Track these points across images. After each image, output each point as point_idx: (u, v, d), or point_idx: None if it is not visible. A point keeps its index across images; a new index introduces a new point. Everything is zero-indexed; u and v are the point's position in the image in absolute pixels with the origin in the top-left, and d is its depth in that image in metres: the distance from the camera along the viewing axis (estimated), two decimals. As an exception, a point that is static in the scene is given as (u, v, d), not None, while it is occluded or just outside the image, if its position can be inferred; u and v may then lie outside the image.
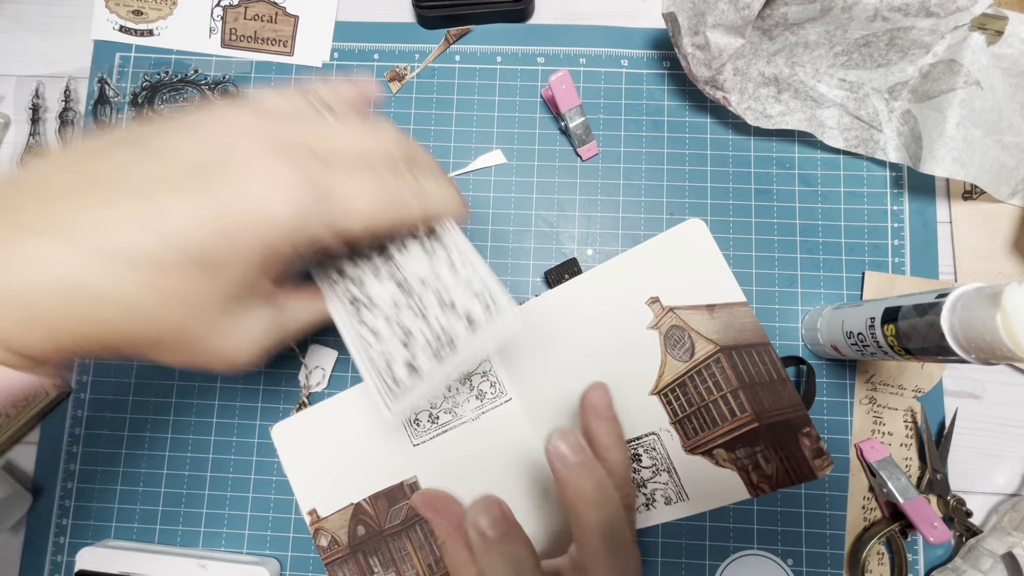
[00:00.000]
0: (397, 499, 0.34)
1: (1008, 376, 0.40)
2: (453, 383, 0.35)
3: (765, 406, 0.28)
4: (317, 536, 0.35)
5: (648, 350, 0.30)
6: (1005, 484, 0.39)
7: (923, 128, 0.39)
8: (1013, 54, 0.36)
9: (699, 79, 0.39)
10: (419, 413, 0.35)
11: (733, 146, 0.43)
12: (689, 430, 0.29)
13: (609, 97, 0.44)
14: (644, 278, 0.30)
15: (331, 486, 0.35)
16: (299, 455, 0.36)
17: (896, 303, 0.31)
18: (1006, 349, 0.25)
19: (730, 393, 0.29)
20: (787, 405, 0.28)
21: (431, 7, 0.43)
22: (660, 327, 0.30)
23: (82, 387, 0.42)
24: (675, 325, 0.30)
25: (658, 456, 0.30)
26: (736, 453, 0.29)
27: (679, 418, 0.30)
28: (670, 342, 0.30)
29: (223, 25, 0.44)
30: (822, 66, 0.40)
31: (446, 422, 0.35)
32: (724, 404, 0.29)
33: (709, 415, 0.29)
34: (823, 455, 0.27)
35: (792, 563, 0.38)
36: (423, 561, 0.33)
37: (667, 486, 0.30)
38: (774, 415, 0.28)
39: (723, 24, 0.36)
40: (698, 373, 0.29)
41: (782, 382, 0.28)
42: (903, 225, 0.41)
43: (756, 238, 0.42)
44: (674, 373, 0.30)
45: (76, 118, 0.45)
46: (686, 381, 0.29)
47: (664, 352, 0.30)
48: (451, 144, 0.44)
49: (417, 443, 0.35)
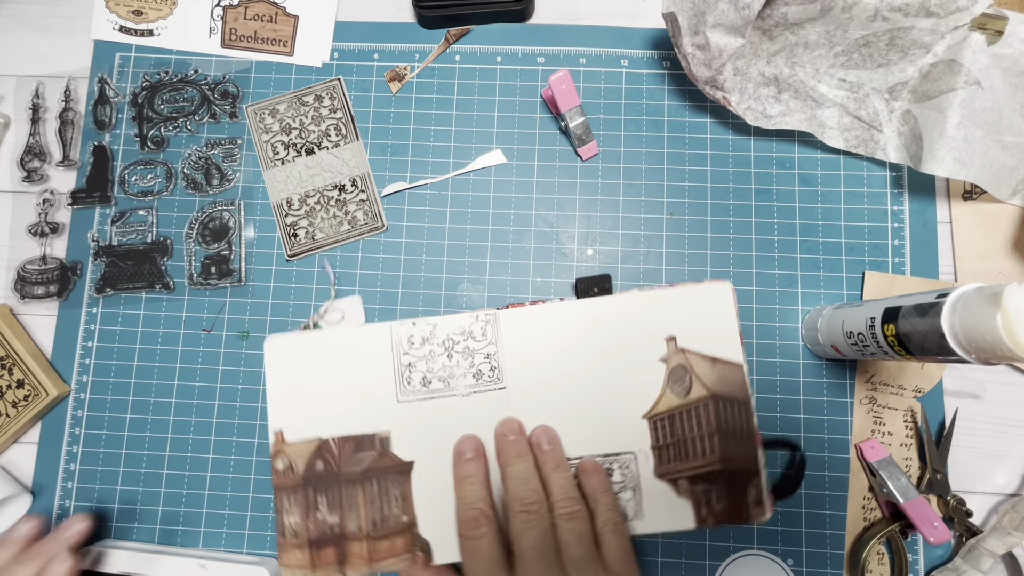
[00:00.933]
0: (364, 448, 0.34)
1: (1008, 376, 0.40)
2: (455, 353, 0.35)
3: (730, 453, 0.33)
4: (276, 458, 0.34)
5: (653, 378, 0.34)
6: (1005, 484, 0.39)
7: (923, 128, 0.39)
8: (1013, 54, 0.36)
9: (699, 79, 0.39)
10: (413, 372, 0.35)
11: (733, 146, 0.43)
12: (665, 457, 0.33)
13: (609, 97, 0.44)
14: (666, 316, 0.34)
15: (305, 415, 0.35)
16: (284, 374, 0.35)
17: (896, 303, 0.31)
18: (1006, 349, 0.25)
19: (708, 435, 0.33)
20: (747, 456, 0.32)
21: (431, 7, 0.43)
22: (669, 362, 0.34)
23: (82, 387, 0.42)
24: (681, 364, 0.33)
25: (629, 474, 0.33)
26: (696, 487, 0.33)
27: (660, 444, 0.33)
28: (673, 377, 0.34)
29: (223, 25, 0.44)
30: (822, 66, 0.40)
31: (437, 389, 0.35)
32: (700, 443, 0.33)
33: (685, 449, 0.33)
34: (761, 504, 0.32)
35: (792, 563, 0.38)
36: (369, 516, 0.34)
37: (628, 503, 0.33)
38: (735, 463, 0.32)
39: (723, 24, 0.36)
40: (687, 411, 0.33)
41: (749, 437, 0.33)
42: (903, 225, 0.41)
43: (756, 238, 0.42)
44: (668, 405, 0.33)
45: (76, 118, 0.45)
46: (676, 415, 0.33)
47: (666, 384, 0.33)
48: (451, 144, 0.44)
49: (403, 400, 0.35)
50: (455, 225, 0.43)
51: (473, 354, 0.35)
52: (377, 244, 0.43)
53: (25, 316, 0.43)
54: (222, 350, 0.42)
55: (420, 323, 0.35)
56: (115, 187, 0.44)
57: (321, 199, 0.43)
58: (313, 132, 0.44)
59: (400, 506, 0.34)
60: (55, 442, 0.42)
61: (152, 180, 0.44)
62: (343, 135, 0.44)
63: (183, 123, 0.45)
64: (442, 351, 0.35)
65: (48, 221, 0.44)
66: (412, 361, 0.35)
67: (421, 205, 0.43)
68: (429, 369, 0.35)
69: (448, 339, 0.35)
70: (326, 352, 0.36)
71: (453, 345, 0.35)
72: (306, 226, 0.43)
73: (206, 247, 0.43)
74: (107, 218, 0.44)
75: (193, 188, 0.44)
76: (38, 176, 0.44)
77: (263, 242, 0.43)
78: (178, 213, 0.44)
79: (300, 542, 0.34)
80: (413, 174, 0.43)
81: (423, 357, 0.35)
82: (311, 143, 0.44)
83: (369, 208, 0.43)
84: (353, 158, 0.44)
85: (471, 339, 0.35)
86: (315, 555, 0.34)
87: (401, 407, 0.35)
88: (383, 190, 0.43)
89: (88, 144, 0.45)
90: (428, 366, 0.35)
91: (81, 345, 0.42)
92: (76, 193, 0.44)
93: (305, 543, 0.34)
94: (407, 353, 0.35)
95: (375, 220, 0.43)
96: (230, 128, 0.44)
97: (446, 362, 0.35)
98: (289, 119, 0.44)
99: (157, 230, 0.43)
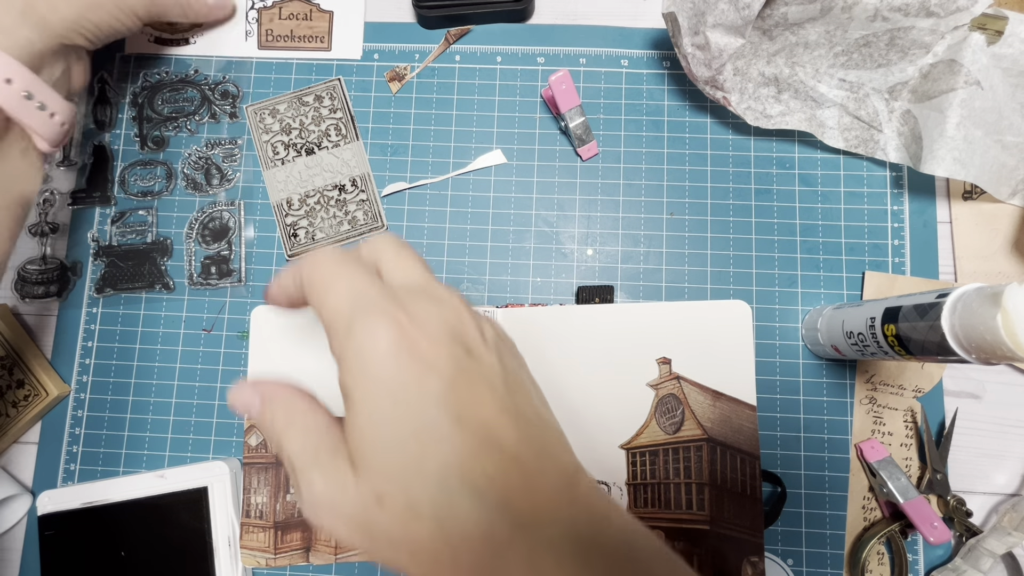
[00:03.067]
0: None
1: (1008, 376, 0.40)
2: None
3: (724, 515, 0.27)
4: (249, 433, 0.34)
5: (638, 405, 0.29)
6: (1005, 484, 0.39)
7: (923, 128, 0.39)
8: (1013, 54, 0.36)
9: (699, 79, 0.39)
10: None
11: (733, 146, 0.43)
12: (640, 499, 0.28)
13: (609, 97, 0.44)
14: (666, 334, 0.29)
15: None
16: (268, 347, 0.34)
17: (896, 303, 0.31)
18: (1006, 349, 0.25)
19: (696, 485, 0.27)
20: (747, 524, 0.27)
21: (431, 7, 0.43)
22: (659, 389, 0.29)
23: (82, 387, 0.42)
24: (673, 394, 0.28)
25: None
26: (674, 544, 0.27)
27: (635, 482, 0.28)
28: (662, 408, 0.28)
29: (259, 27, 0.44)
30: (822, 66, 0.40)
31: None
32: (685, 492, 0.27)
33: (666, 495, 0.28)
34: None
35: (792, 563, 0.38)
36: None
37: None
38: (730, 528, 0.26)
39: (723, 24, 0.36)
40: (675, 450, 0.28)
41: (753, 501, 0.27)
42: (903, 225, 0.41)
43: (756, 238, 0.42)
44: (651, 439, 0.28)
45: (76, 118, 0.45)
46: (659, 451, 0.28)
47: (652, 414, 0.29)
48: (451, 144, 0.44)
49: None
50: (455, 225, 0.43)
51: None
52: (377, 244, 0.43)
53: (25, 316, 0.43)
54: (222, 350, 0.42)
55: None
56: (115, 187, 0.44)
57: (321, 199, 0.43)
58: (313, 132, 0.44)
59: None
60: (55, 442, 0.42)
61: (152, 180, 0.44)
62: (343, 135, 0.44)
63: (183, 123, 0.45)
64: None
65: (48, 221, 0.44)
66: None
67: (421, 205, 0.43)
68: None
69: None
70: (313, 331, 0.35)
71: None
72: (306, 226, 0.43)
73: (206, 247, 0.43)
74: (107, 218, 0.44)
75: (193, 188, 0.44)
76: (38, 176, 0.44)
77: (263, 242, 0.43)
78: (178, 213, 0.44)
79: (265, 524, 0.32)
80: (413, 174, 0.43)
81: None
82: (311, 143, 0.44)
83: (369, 208, 0.43)
84: (353, 158, 0.44)
85: None
86: (279, 539, 0.32)
87: None
88: (383, 190, 0.43)
89: (88, 144, 0.45)
90: None
91: (81, 345, 0.42)
92: (76, 193, 0.44)
93: (271, 525, 0.32)
94: None
95: (375, 220, 0.43)
96: (230, 128, 0.44)
97: None
98: (289, 119, 0.44)
99: (157, 230, 0.43)
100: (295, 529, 0.32)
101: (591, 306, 0.31)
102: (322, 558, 0.32)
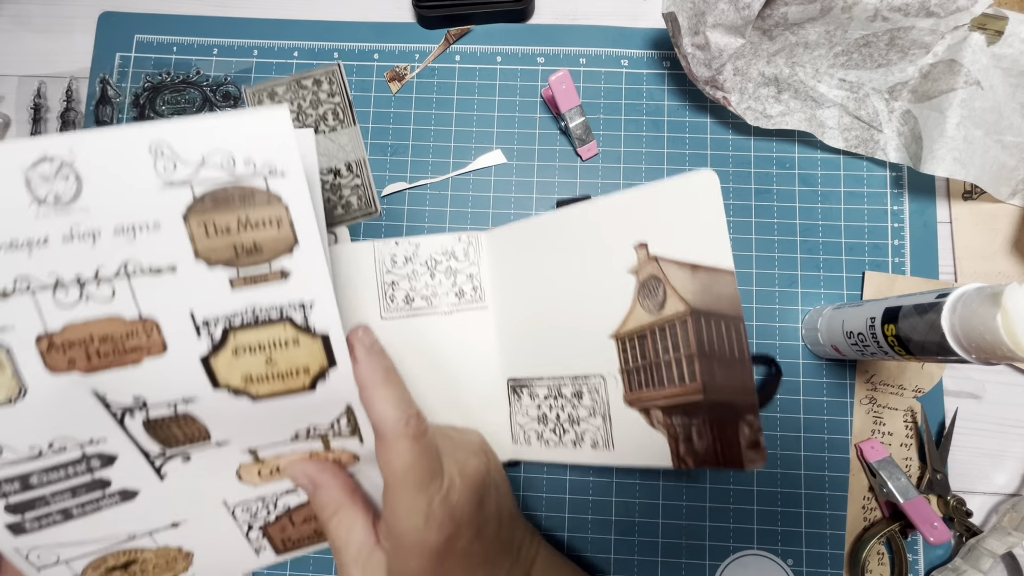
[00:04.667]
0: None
1: (1008, 376, 0.40)
2: (437, 272, 0.35)
3: (716, 381, 0.27)
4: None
5: (621, 293, 0.29)
6: (1005, 484, 0.39)
7: (923, 128, 0.39)
8: (1013, 54, 0.36)
9: (699, 79, 0.39)
10: (396, 290, 0.35)
11: (733, 146, 0.43)
12: (634, 382, 0.29)
13: (609, 97, 0.44)
14: (641, 220, 0.29)
15: None
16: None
17: (896, 303, 0.31)
18: (1006, 349, 0.25)
19: (685, 358, 0.28)
20: (739, 387, 0.26)
21: (431, 7, 0.43)
22: (640, 273, 0.29)
23: (82, 387, 0.42)
24: (653, 275, 0.28)
25: (598, 400, 0.30)
26: (672, 419, 0.28)
27: (628, 368, 0.29)
28: (644, 291, 0.29)
29: (268, 542, 0.41)
30: (822, 66, 0.40)
31: (419, 307, 0.35)
32: (676, 367, 0.28)
33: (658, 374, 0.28)
34: (758, 448, 0.26)
35: (792, 563, 0.38)
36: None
37: (598, 431, 0.30)
38: (722, 393, 0.27)
39: (723, 24, 0.36)
40: (660, 329, 0.28)
41: (741, 363, 0.26)
42: (903, 225, 0.41)
43: (756, 238, 0.42)
44: (638, 323, 0.29)
45: (78, 118, 0.45)
46: (647, 334, 0.29)
47: (636, 299, 0.29)
48: (451, 144, 0.44)
49: (386, 317, 0.35)
50: (455, 225, 0.43)
51: (455, 274, 0.35)
52: (377, 244, 0.43)
53: (26, 316, 0.43)
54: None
55: (403, 242, 0.35)
56: (115, 187, 0.44)
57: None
58: (311, 116, 0.44)
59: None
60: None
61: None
62: (340, 120, 0.44)
63: (183, 123, 0.45)
64: (425, 270, 0.35)
65: (49, 221, 0.44)
66: (395, 279, 0.35)
67: (421, 205, 0.43)
68: (412, 287, 0.35)
69: (431, 259, 0.35)
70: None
71: (436, 264, 0.35)
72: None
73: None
74: (107, 218, 0.44)
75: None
76: (39, 176, 0.44)
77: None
78: (178, 213, 0.44)
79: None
80: (413, 174, 0.43)
81: (406, 276, 0.35)
82: (308, 127, 0.43)
83: (363, 194, 0.43)
84: (349, 143, 0.43)
85: (453, 259, 0.35)
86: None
87: (384, 324, 0.35)
88: (383, 190, 0.43)
89: (89, 144, 0.45)
90: (411, 284, 0.35)
91: (81, 345, 0.42)
92: (77, 193, 0.44)
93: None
94: (390, 272, 0.35)
95: (369, 205, 0.43)
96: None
97: (429, 281, 0.35)
98: (287, 102, 0.44)
99: (157, 230, 0.43)
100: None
101: (567, 208, 0.32)
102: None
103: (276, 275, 0.24)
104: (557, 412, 0.33)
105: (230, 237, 0.23)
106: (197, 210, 0.23)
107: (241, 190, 0.23)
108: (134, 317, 0.23)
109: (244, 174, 0.23)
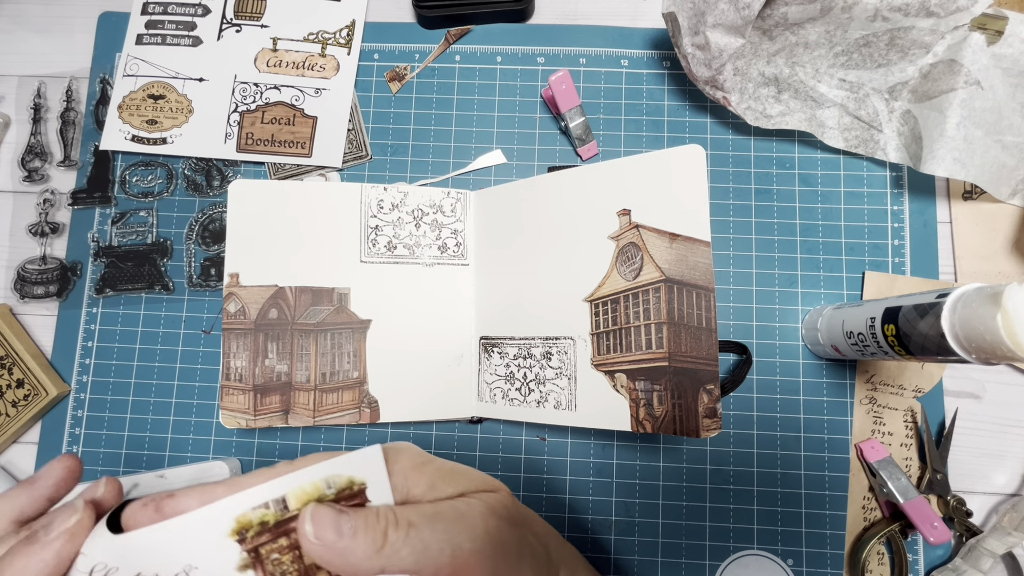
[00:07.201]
0: (321, 301, 0.34)
1: (1008, 376, 0.40)
2: (423, 224, 0.35)
3: (682, 349, 0.28)
4: (228, 300, 0.34)
5: (600, 258, 0.30)
6: (1005, 484, 0.39)
7: (923, 128, 0.39)
8: (1013, 54, 0.36)
9: (699, 79, 0.39)
10: (379, 235, 0.35)
11: (733, 146, 0.43)
12: (603, 346, 0.30)
13: (609, 97, 0.44)
14: (626, 187, 0.30)
15: (265, 259, 0.34)
16: (248, 217, 0.35)
17: (896, 303, 0.31)
18: (1006, 349, 0.25)
19: (655, 325, 0.29)
20: (703, 356, 0.28)
21: (431, 7, 0.43)
22: (620, 240, 0.30)
23: (82, 387, 0.42)
24: (633, 242, 0.29)
25: (567, 361, 0.31)
26: (635, 384, 0.29)
27: (599, 331, 0.30)
28: (622, 257, 0.30)
29: (239, 130, 0.43)
30: (822, 66, 0.40)
31: (401, 255, 0.35)
32: (645, 333, 0.29)
33: (627, 339, 0.29)
34: (715, 416, 0.27)
35: (792, 563, 0.38)
36: (319, 368, 0.33)
37: (563, 392, 0.31)
38: (686, 361, 0.28)
39: (723, 24, 0.36)
40: (635, 295, 0.29)
41: (708, 332, 0.27)
42: (903, 225, 0.41)
43: (756, 238, 0.42)
44: (613, 288, 0.30)
45: (77, 118, 0.45)
46: (620, 299, 0.29)
47: (613, 264, 0.30)
48: (451, 144, 0.44)
49: (366, 260, 0.35)
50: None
51: (440, 227, 0.35)
52: (377, 244, 0.43)
53: (25, 316, 0.43)
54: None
55: (391, 189, 0.35)
56: (116, 188, 0.44)
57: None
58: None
59: (352, 362, 0.34)
60: (55, 442, 0.42)
61: (152, 181, 0.44)
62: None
63: (183, 123, 0.45)
64: (410, 219, 0.36)
65: (48, 221, 0.44)
66: (379, 224, 0.35)
67: (421, 205, 0.43)
68: (396, 235, 0.35)
69: (418, 209, 0.36)
70: (294, 202, 0.35)
71: (422, 216, 0.36)
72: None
73: (206, 248, 0.43)
74: (107, 218, 0.44)
75: (193, 189, 0.44)
76: (39, 176, 0.44)
77: (263, 242, 0.43)
78: (178, 214, 0.44)
79: (245, 387, 0.33)
80: (413, 174, 0.43)
81: (391, 222, 0.35)
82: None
83: (354, 137, 0.43)
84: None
85: (440, 213, 0.35)
86: (259, 401, 0.33)
87: (364, 267, 0.35)
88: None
89: (89, 144, 0.45)
90: (395, 232, 0.35)
91: (81, 345, 0.42)
92: (77, 193, 0.44)
93: (250, 388, 0.33)
94: (375, 216, 0.35)
95: (360, 149, 0.43)
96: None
97: (413, 231, 0.35)
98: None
99: (157, 231, 0.43)
100: (274, 393, 0.33)
101: (557, 172, 0.33)
102: (300, 420, 0.33)
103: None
104: (525, 372, 0.33)
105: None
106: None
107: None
108: None
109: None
